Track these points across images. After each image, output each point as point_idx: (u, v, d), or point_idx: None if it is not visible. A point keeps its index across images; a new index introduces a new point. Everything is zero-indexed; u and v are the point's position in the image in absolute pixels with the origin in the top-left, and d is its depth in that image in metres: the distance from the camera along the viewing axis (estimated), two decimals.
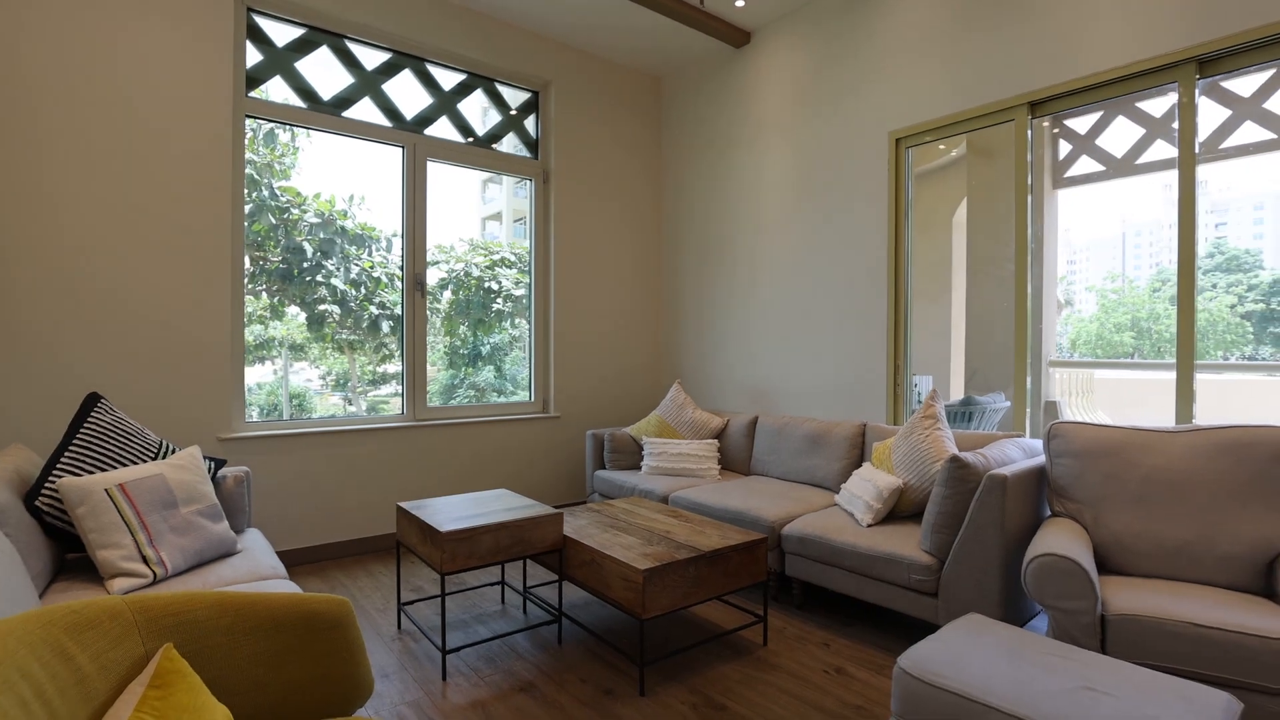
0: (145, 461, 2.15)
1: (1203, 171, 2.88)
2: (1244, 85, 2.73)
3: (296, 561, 3.38)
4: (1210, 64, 2.54)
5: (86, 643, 1.02)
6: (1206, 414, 2.57)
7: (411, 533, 2.45)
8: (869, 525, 2.67)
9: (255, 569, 2.02)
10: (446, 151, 3.94)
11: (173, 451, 2.25)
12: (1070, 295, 4.27)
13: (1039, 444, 2.77)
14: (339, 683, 1.32)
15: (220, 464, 2.40)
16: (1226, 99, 2.81)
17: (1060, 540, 1.95)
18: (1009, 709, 1.35)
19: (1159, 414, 2.75)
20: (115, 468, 2.07)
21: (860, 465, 3.22)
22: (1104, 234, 3.85)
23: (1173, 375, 2.61)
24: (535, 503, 2.59)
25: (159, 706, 1.02)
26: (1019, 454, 2.60)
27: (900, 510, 2.77)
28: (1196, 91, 2.57)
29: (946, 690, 1.45)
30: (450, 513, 2.43)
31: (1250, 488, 2.02)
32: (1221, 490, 2.05)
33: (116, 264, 2.89)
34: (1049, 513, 2.48)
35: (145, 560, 1.86)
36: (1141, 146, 3.18)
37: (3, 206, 2.66)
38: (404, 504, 2.56)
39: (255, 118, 3.32)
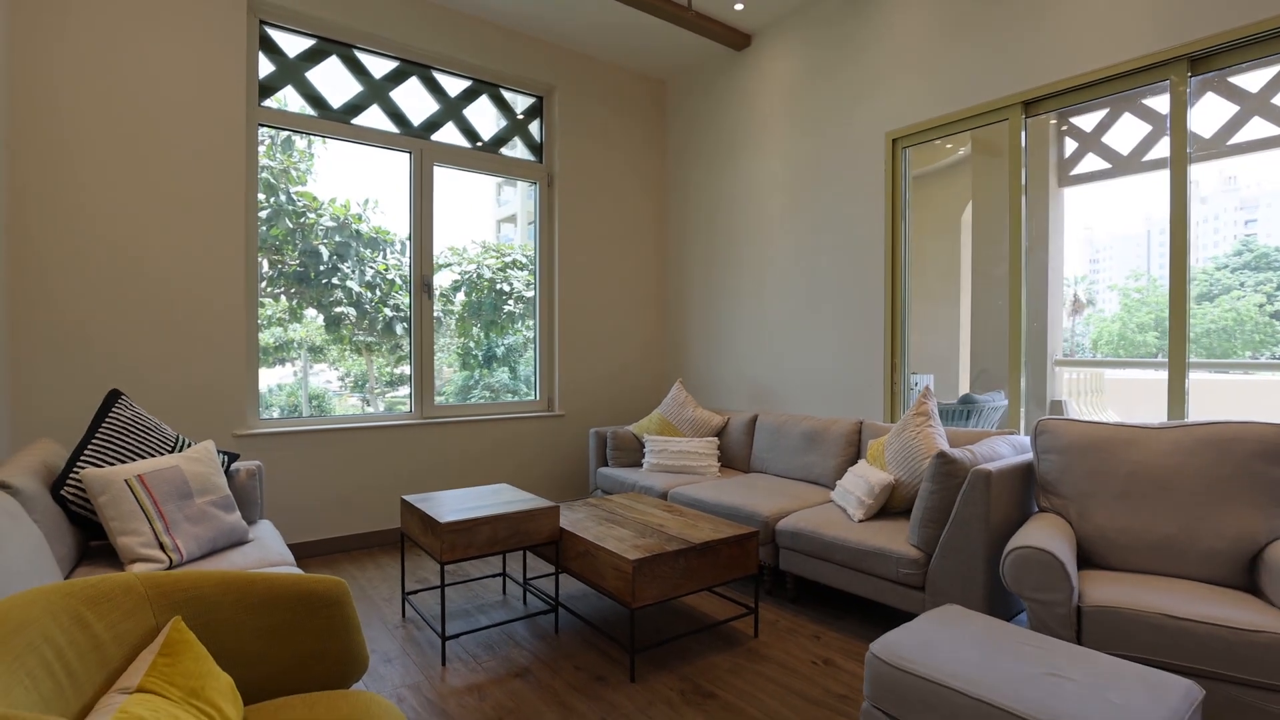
0: (163, 454, 2.27)
1: (1231, 166, 2.86)
2: (1252, 80, 2.73)
3: (309, 553, 3.50)
4: (1202, 61, 2.55)
5: (102, 613, 1.12)
6: (1229, 416, 2.52)
7: (414, 524, 2.55)
8: (860, 520, 2.72)
9: (265, 557, 2.13)
10: (452, 156, 4.05)
11: (188, 445, 2.37)
12: (1093, 294, 4.24)
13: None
14: (336, 658, 1.41)
15: (234, 458, 2.51)
16: (1234, 94, 2.81)
17: (1039, 534, 1.99)
18: (971, 692, 1.41)
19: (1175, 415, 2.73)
20: (134, 460, 2.19)
21: (856, 462, 3.27)
22: (1128, 231, 3.81)
23: (1193, 375, 2.61)
24: (534, 496, 2.68)
25: (167, 672, 1.11)
26: (1009, 450, 2.63)
27: (893, 506, 2.82)
28: (1189, 89, 2.58)
29: (914, 674, 1.51)
30: (451, 505, 2.52)
31: (1232, 483, 2.04)
32: (1204, 486, 2.08)
33: (135, 271, 3.03)
34: (1037, 508, 2.51)
35: (162, 547, 1.98)
36: (1149, 143, 3.18)
37: (41, 219, 2.80)
38: (407, 497, 2.66)
39: (267, 126, 3.45)
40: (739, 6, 3.90)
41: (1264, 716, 1.63)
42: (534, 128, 4.47)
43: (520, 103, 4.41)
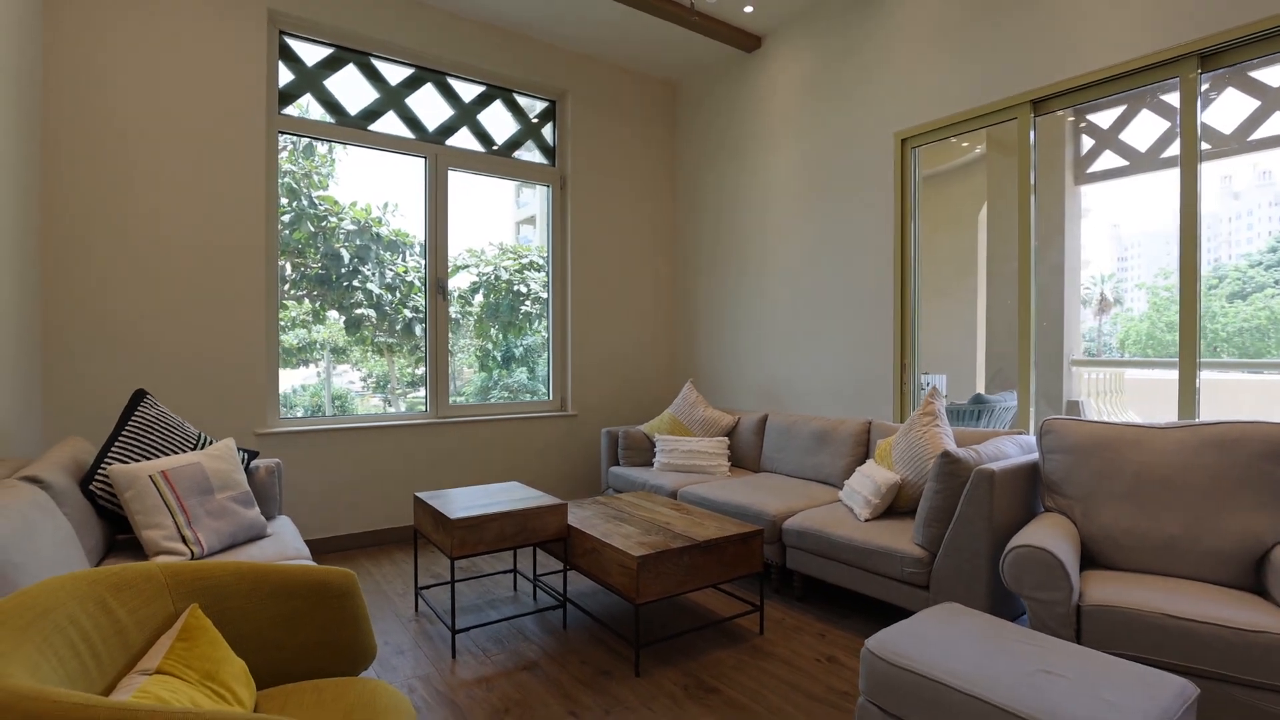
0: (185, 452, 2.36)
1: (1265, 161, 2.83)
2: (1275, 75, 2.70)
3: (328, 549, 3.60)
4: (1212, 58, 2.53)
5: (125, 599, 1.19)
6: (1258, 417, 2.43)
7: (426, 521, 2.62)
8: (867, 520, 2.74)
9: (282, 551, 2.21)
10: (467, 161, 4.13)
11: (210, 443, 2.46)
12: (1120, 293, 4.19)
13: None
14: (345, 647, 1.47)
15: (253, 455, 2.60)
16: (1256, 89, 2.77)
17: (1040, 533, 1.99)
18: (964, 688, 1.43)
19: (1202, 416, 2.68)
20: (158, 457, 2.29)
21: (864, 462, 3.28)
22: (1157, 229, 3.74)
23: (1217, 375, 2.58)
24: (543, 494, 2.73)
25: (185, 656, 1.18)
26: (1015, 450, 2.62)
27: (899, 506, 2.82)
28: (1200, 86, 2.55)
29: (907, 670, 1.53)
30: (462, 502, 2.59)
31: (1237, 484, 2.02)
32: (1210, 486, 2.06)
33: (159, 276, 3.14)
34: (1042, 508, 2.50)
35: (184, 540, 2.07)
36: (1169, 139, 3.15)
37: (74, 226, 2.93)
38: (420, 494, 2.73)
39: (287, 134, 3.55)
40: (749, 9, 3.92)
41: (1264, 717, 1.62)
42: (547, 131, 4.53)
43: (533, 107, 4.47)
